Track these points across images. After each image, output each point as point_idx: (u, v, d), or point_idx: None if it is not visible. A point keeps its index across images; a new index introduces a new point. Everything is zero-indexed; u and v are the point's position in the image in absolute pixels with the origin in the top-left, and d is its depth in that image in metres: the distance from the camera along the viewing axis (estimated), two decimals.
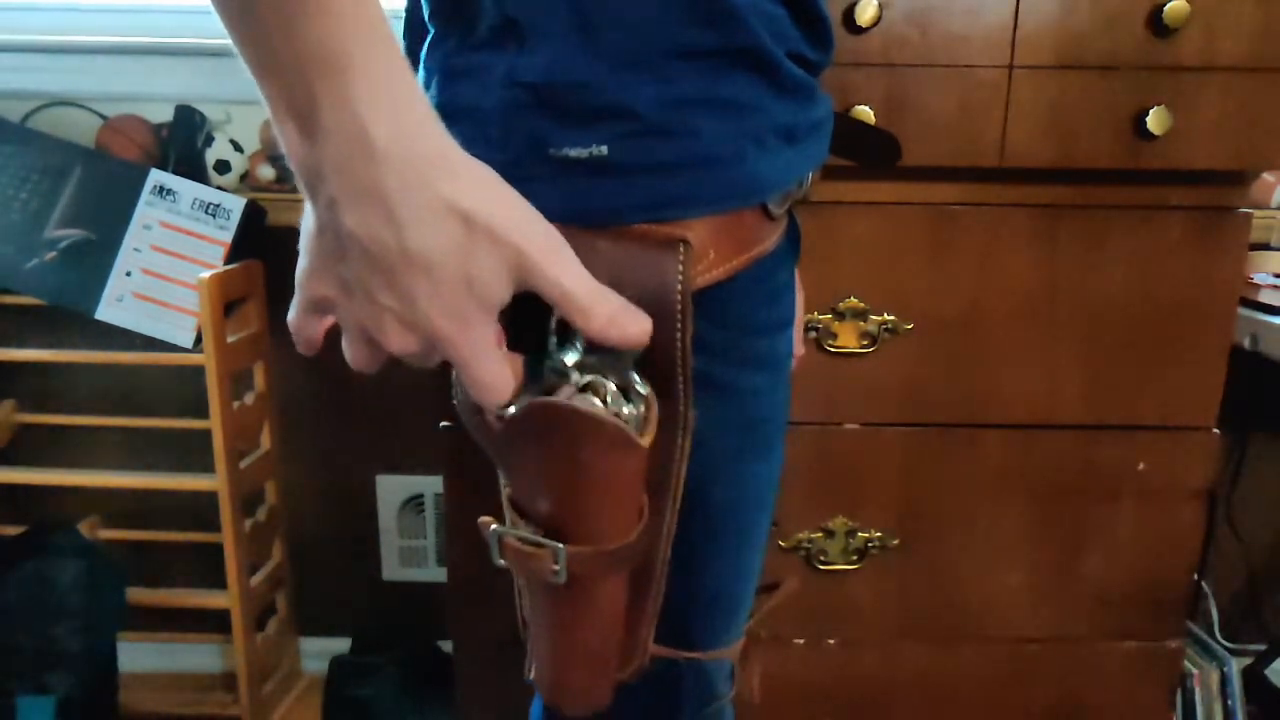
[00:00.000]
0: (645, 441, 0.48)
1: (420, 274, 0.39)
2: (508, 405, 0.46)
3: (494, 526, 0.50)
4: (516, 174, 0.46)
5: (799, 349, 0.76)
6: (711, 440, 0.54)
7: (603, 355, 0.47)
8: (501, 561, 0.51)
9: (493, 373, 0.43)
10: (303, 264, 0.44)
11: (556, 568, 0.48)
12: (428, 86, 0.52)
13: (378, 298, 0.41)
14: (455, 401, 0.50)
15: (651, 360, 0.49)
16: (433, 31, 0.52)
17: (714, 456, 0.54)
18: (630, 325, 0.45)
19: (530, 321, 0.46)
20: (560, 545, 0.48)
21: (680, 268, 0.48)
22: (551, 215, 0.45)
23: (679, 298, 0.48)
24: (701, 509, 0.56)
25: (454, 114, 0.49)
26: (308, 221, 0.43)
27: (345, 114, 0.38)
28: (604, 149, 0.48)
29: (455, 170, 0.40)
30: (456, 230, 0.39)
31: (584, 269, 0.44)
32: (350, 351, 0.45)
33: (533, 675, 0.57)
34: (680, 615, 0.59)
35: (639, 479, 0.50)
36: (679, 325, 0.48)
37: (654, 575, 0.55)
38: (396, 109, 0.38)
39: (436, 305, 0.40)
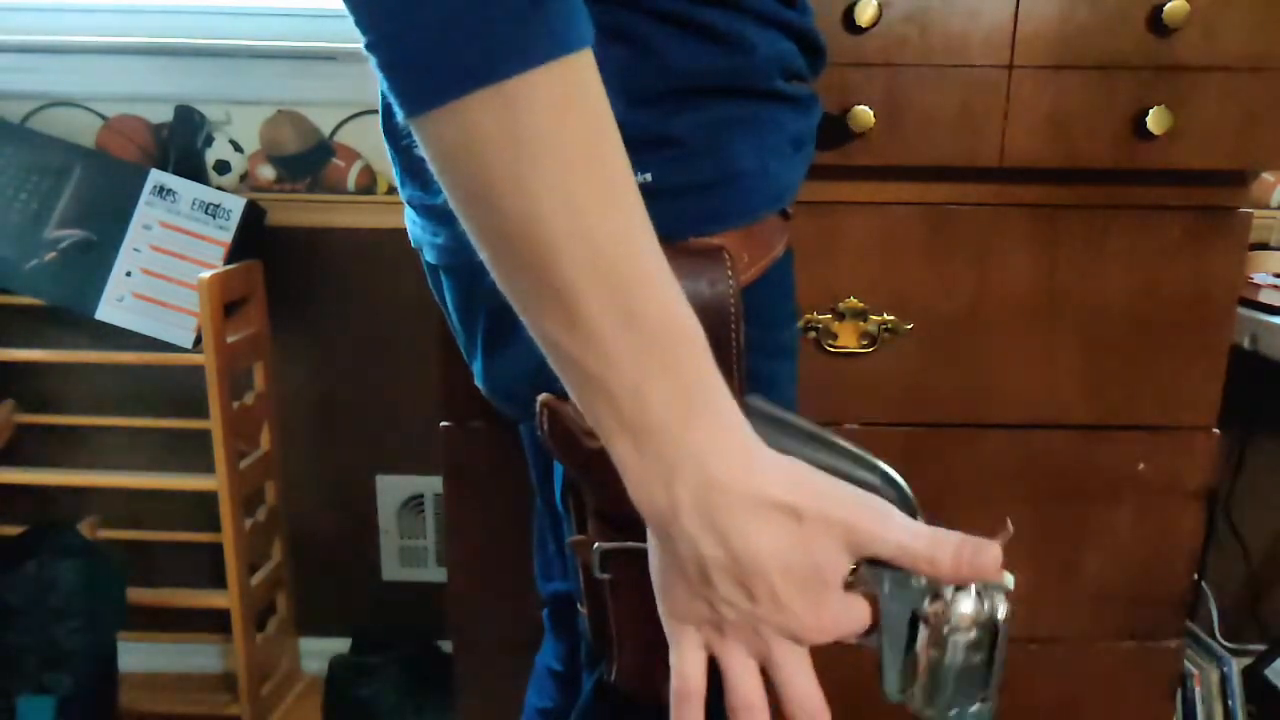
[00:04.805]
0: None
1: (777, 573, 0.43)
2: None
3: (597, 544, 0.54)
4: None
5: None
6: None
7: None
8: (606, 575, 0.55)
9: (851, 626, 0.47)
10: (665, 607, 0.47)
11: None
12: None
13: (754, 609, 0.44)
14: (539, 433, 0.52)
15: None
16: None
17: None
18: (980, 555, 0.44)
19: None
20: None
21: (730, 274, 0.52)
22: None
23: (732, 301, 0.52)
24: None
25: None
26: (655, 560, 0.46)
27: (693, 462, 0.41)
28: (648, 176, 0.52)
29: (768, 473, 0.43)
30: (793, 525, 0.43)
31: (910, 520, 0.45)
32: (736, 680, 0.46)
33: (615, 676, 0.60)
34: None
35: None
36: (734, 326, 0.53)
37: None
38: (730, 443, 0.42)
39: (798, 597, 0.44)
